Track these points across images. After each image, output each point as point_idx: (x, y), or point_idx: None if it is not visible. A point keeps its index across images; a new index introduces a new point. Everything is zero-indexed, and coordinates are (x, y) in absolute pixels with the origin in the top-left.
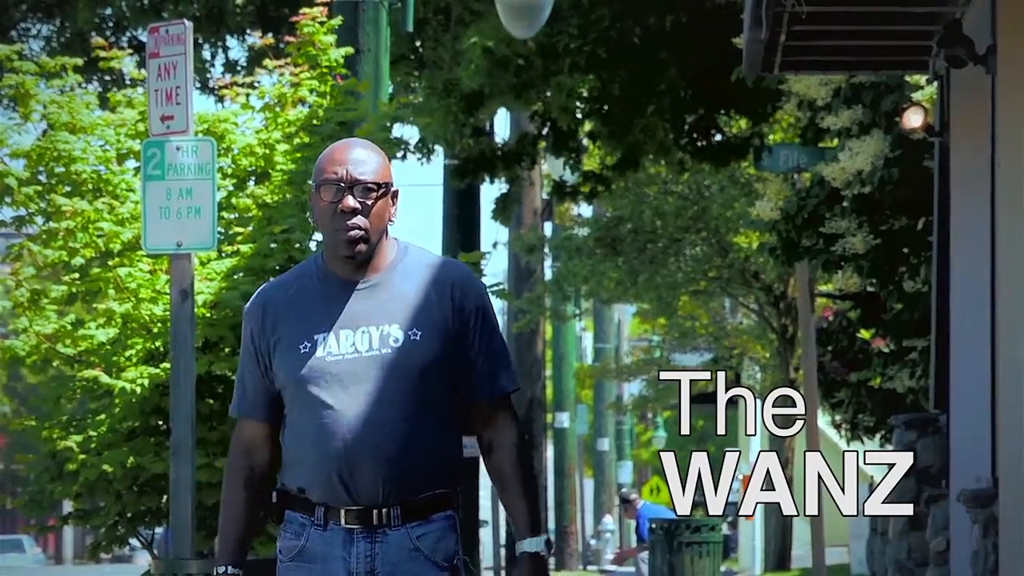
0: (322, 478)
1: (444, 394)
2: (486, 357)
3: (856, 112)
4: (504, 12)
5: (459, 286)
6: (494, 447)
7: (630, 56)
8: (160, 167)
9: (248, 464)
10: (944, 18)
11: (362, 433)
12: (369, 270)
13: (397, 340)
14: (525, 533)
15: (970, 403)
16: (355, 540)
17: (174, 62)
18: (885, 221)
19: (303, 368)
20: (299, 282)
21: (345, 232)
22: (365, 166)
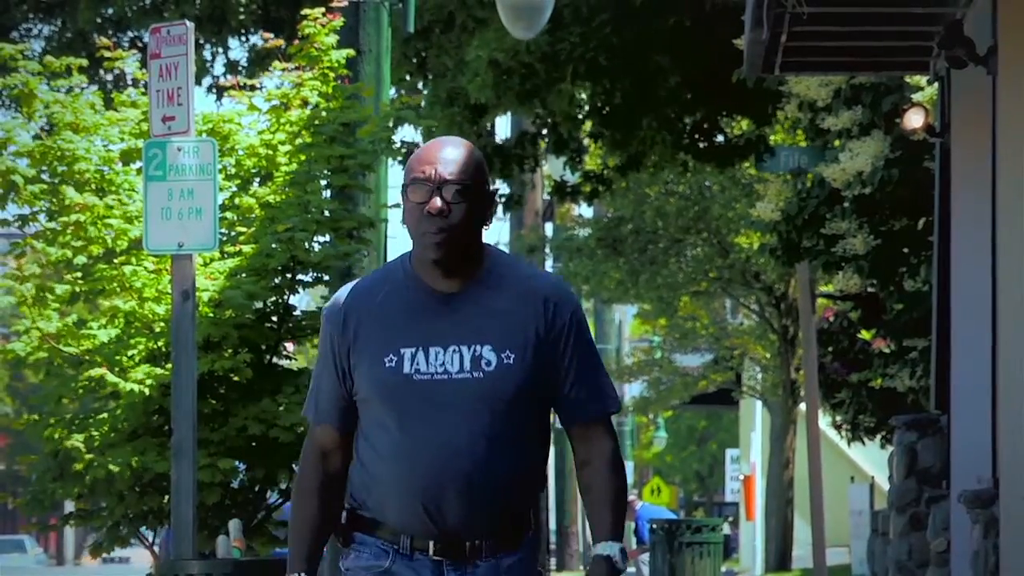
0: (406, 507)
1: (536, 417)
2: (581, 377)
3: (856, 113)
4: (504, 13)
5: (552, 301)
6: (587, 463)
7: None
8: (162, 168)
9: (322, 470)
10: (945, 19)
11: (451, 463)
12: (459, 279)
13: (490, 363)
14: (603, 538)
15: (971, 404)
16: (445, 572)
17: (175, 63)
18: (885, 222)
19: (388, 384)
20: (385, 287)
21: (433, 235)
22: (457, 165)
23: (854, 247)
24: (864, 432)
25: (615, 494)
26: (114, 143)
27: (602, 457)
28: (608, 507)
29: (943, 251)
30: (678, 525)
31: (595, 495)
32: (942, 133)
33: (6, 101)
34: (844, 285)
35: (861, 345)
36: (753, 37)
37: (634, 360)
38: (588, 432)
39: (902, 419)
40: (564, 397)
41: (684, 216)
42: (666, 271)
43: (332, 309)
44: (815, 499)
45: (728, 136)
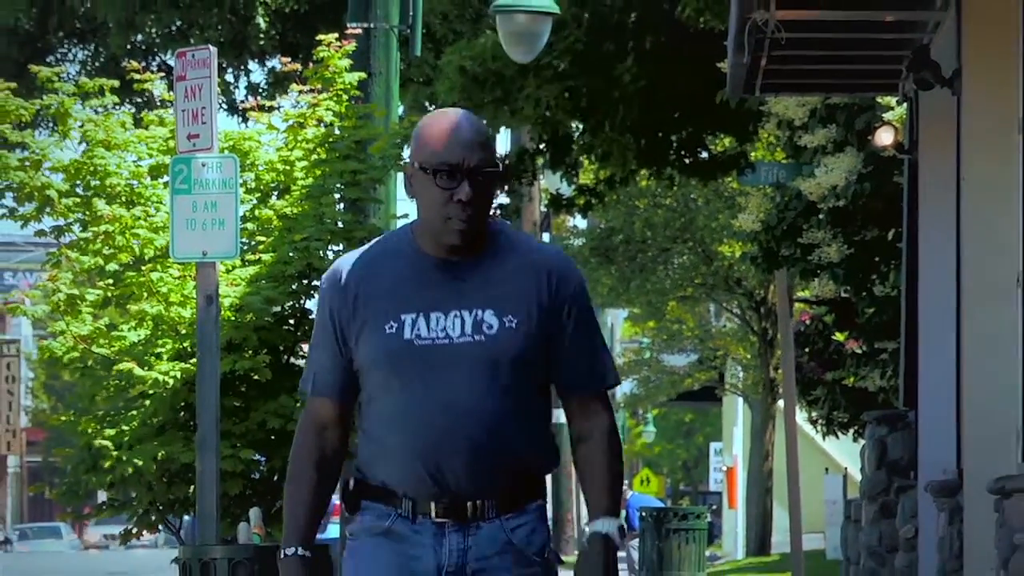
0: (409, 471)
1: (538, 383)
2: (582, 350)
3: (831, 131)
4: (505, 39)
5: (556, 273)
6: (584, 438)
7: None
8: (187, 182)
9: (319, 444)
10: (913, 44)
11: (454, 424)
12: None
13: (491, 327)
14: (600, 514)
15: (937, 401)
16: (446, 533)
17: (199, 84)
18: (858, 232)
19: (389, 351)
20: (385, 257)
21: (459, 222)
22: (483, 151)
23: (829, 255)
24: (838, 427)
25: (613, 470)
26: (143, 159)
27: (601, 431)
28: (606, 484)
29: (911, 259)
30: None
31: (593, 470)
32: (910, 150)
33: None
34: (819, 291)
35: (835, 346)
36: (735, 61)
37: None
38: (586, 405)
39: (873, 415)
40: (564, 369)
41: (671, 227)
42: (654, 278)
43: (331, 279)
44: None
45: (712, 152)
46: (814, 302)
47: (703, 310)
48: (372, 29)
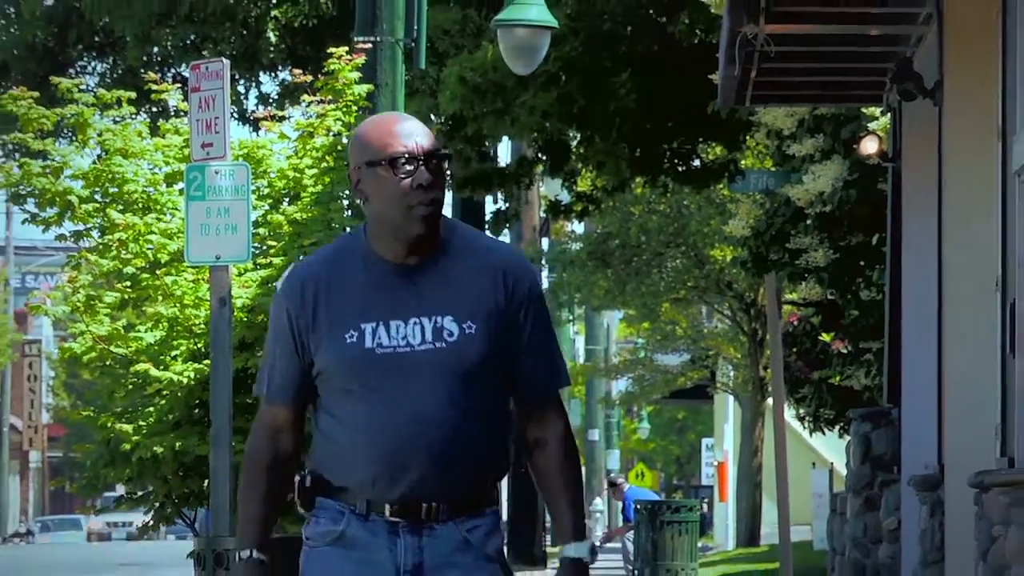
0: (367, 475)
1: (497, 388)
2: (538, 351)
3: (818, 140)
4: (506, 52)
5: (512, 274)
6: (540, 444)
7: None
8: (201, 188)
9: (272, 448)
10: (896, 56)
11: (415, 431)
12: (420, 252)
13: (452, 334)
14: (569, 538)
15: (919, 399)
16: (400, 533)
17: (213, 95)
18: (844, 237)
19: (350, 360)
20: (342, 264)
21: (422, 207)
22: (429, 137)
23: (816, 260)
24: (824, 423)
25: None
26: (159, 166)
27: (557, 438)
28: (569, 503)
29: (895, 264)
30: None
31: (555, 486)
32: (894, 158)
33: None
34: (807, 293)
35: (822, 347)
36: (726, 73)
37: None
38: (540, 409)
39: (858, 412)
40: (520, 371)
41: (665, 232)
42: (649, 281)
43: (289, 287)
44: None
45: (704, 160)
46: (802, 304)
47: (695, 312)
48: (378, 43)
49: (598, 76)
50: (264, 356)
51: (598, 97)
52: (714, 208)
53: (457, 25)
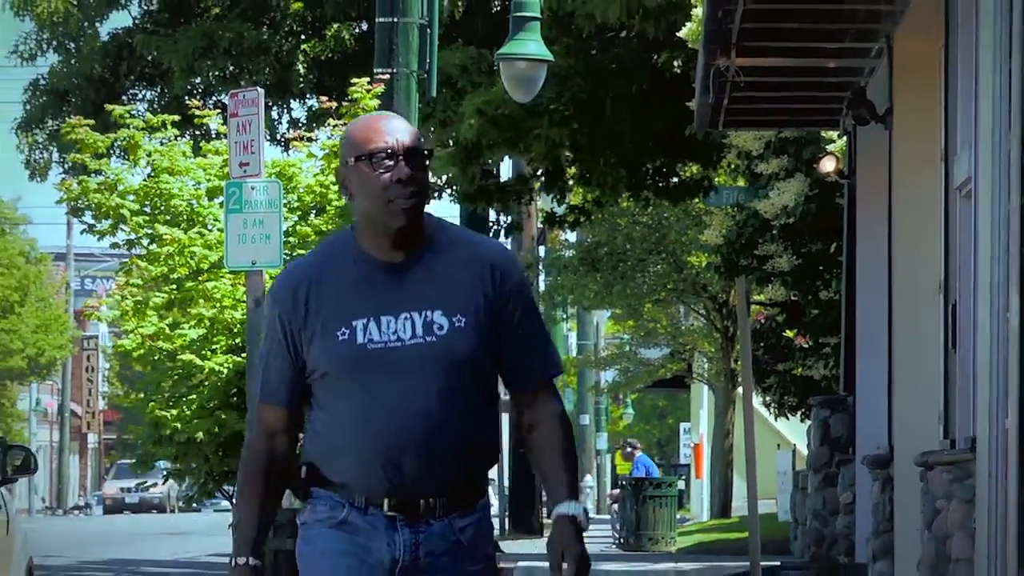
0: (364, 469)
1: (487, 379)
2: (528, 342)
3: (783, 160)
4: (508, 81)
5: (499, 268)
6: (538, 425)
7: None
8: (239, 203)
9: (269, 450)
10: (852, 86)
11: (408, 425)
12: (407, 248)
13: (442, 328)
14: (563, 498)
15: (871, 388)
16: (398, 527)
17: (249, 120)
18: (805, 245)
19: (342, 356)
20: (331, 263)
21: (404, 200)
22: (412, 135)
23: (780, 265)
24: (788, 409)
25: (568, 455)
26: (201, 183)
27: (552, 418)
28: (564, 468)
29: (850, 268)
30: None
31: (550, 456)
32: (849, 176)
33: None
34: (773, 295)
35: (786, 342)
36: (702, 100)
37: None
38: (536, 395)
39: (817, 399)
40: (512, 361)
41: (647, 240)
42: (633, 284)
43: (281, 288)
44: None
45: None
46: (768, 304)
47: (674, 311)
48: (395, 74)
49: (599, 110)
50: (260, 360)
51: (600, 128)
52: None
53: (472, 61)
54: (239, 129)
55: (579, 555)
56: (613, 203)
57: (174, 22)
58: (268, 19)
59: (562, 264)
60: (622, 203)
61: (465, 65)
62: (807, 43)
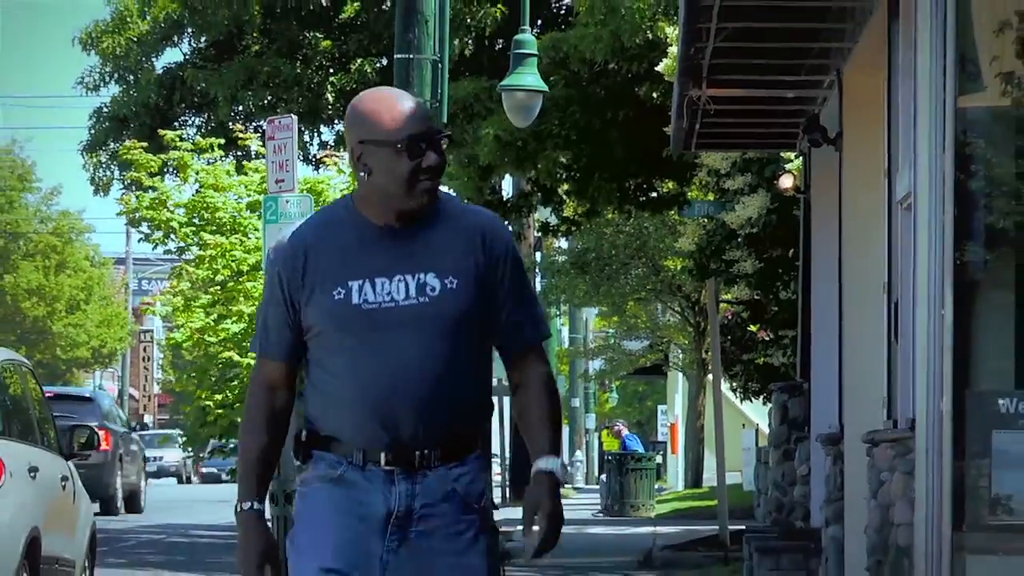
0: (360, 425)
1: (478, 340)
2: (517, 305)
3: (747, 177)
4: (509, 108)
5: (490, 234)
6: (524, 386)
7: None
8: (275, 215)
9: (269, 403)
10: (807, 113)
11: (402, 382)
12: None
13: (434, 289)
14: (543, 453)
15: (824, 374)
16: (396, 480)
17: (284, 143)
18: (766, 251)
19: (337, 316)
20: (330, 227)
21: (427, 182)
22: (433, 120)
23: (745, 268)
24: (752, 393)
25: (552, 414)
26: (242, 197)
27: (539, 379)
28: (547, 426)
29: (805, 271)
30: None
31: (534, 414)
32: (805, 191)
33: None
34: (738, 294)
35: (750, 335)
36: (677, 126)
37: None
38: (524, 357)
39: (777, 385)
40: (502, 324)
41: (629, 247)
42: (617, 285)
43: (281, 250)
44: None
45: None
46: (734, 302)
47: (653, 308)
48: None
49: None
50: (258, 316)
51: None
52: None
53: (484, 91)
54: (276, 151)
55: (551, 511)
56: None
57: (220, 58)
58: (301, 56)
59: (556, 268)
60: (608, 215)
61: (477, 93)
62: (768, 76)
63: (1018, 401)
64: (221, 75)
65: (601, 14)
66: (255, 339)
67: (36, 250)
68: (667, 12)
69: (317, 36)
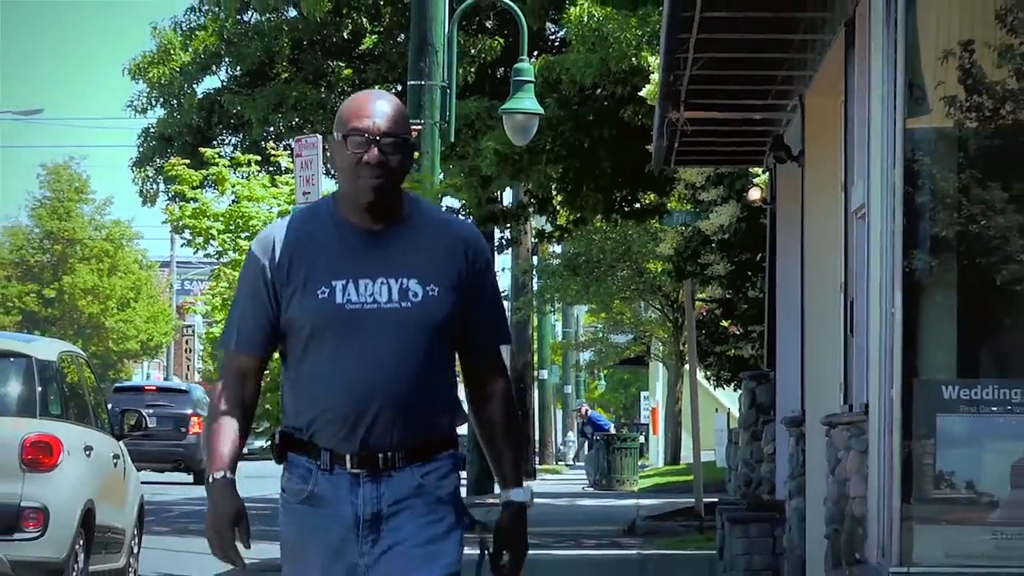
0: (335, 424)
1: (450, 346)
2: (489, 316)
3: (720, 190)
4: (509, 129)
5: (472, 245)
6: (486, 399)
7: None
8: None
9: (240, 391)
10: (773, 133)
11: (378, 382)
12: (384, 220)
13: (416, 295)
14: (512, 483)
15: (788, 365)
16: (361, 483)
17: (311, 159)
18: (737, 255)
19: (320, 314)
20: (313, 226)
21: (369, 179)
22: (391, 120)
23: (718, 271)
24: (724, 381)
25: (515, 440)
26: (274, 207)
27: (501, 394)
28: (512, 453)
29: (771, 273)
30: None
31: (500, 439)
32: (771, 202)
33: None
34: (712, 293)
35: (722, 329)
36: (658, 144)
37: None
38: (488, 368)
39: (747, 374)
40: (471, 333)
41: (616, 252)
42: (605, 285)
43: (264, 245)
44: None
45: (642, 203)
46: (708, 301)
47: (637, 306)
48: (423, 124)
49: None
50: (233, 309)
51: (583, 163)
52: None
53: (485, 110)
54: (303, 166)
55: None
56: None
57: (253, 85)
58: (325, 82)
59: (550, 270)
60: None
61: (479, 112)
62: (739, 100)
63: (959, 388)
64: (254, 100)
65: (591, 42)
66: (225, 334)
67: (91, 254)
68: (650, 42)
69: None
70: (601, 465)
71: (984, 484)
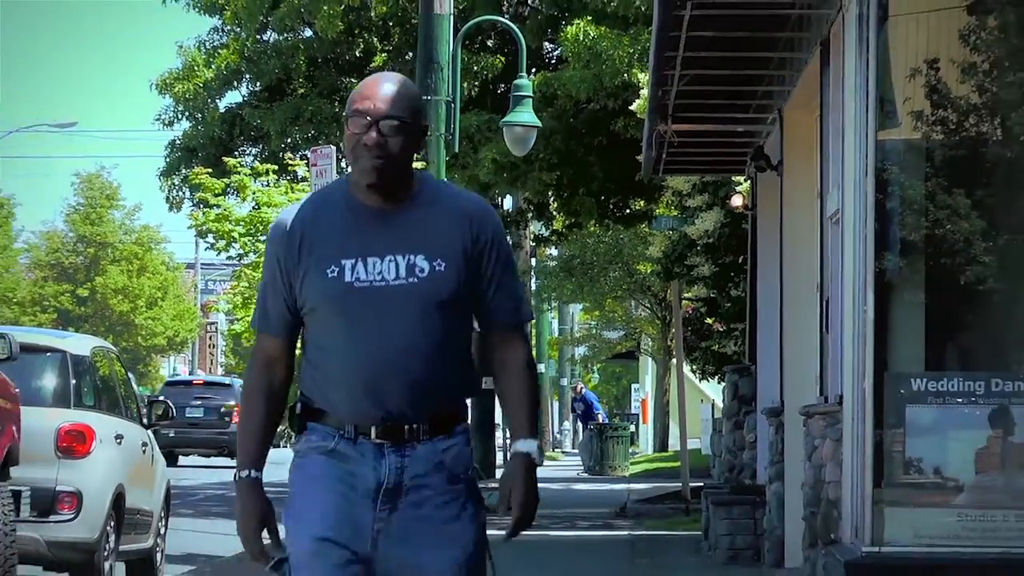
0: (351, 400)
1: (463, 320)
2: (501, 288)
3: (705, 197)
4: (509, 140)
5: (478, 218)
6: (505, 365)
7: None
8: None
9: (268, 377)
10: (754, 144)
11: (392, 358)
12: (393, 199)
13: (423, 270)
14: (521, 434)
15: (768, 359)
16: (386, 453)
17: (325, 168)
18: (721, 258)
19: (331, 293)
20: (326, 207)
21: (369, 161)
22: (393, 102)
23: (703, 272)
24: (709, 374)
25: (532, 398)
26: None
27: (520, 360)
28: (526, 408)
29: (753, 274)
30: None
31: (514, 396)
32: (753, 208)
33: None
34: (697, 293)
35: (707, 326)
36: (647, 154)
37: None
38: (507, 337)
39: (730, 367)
40: (487, 305)
41: (608, 254)
42: (598, 285)
43: (278, 230)
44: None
45: (633, 209)
46: (694, 300)
47: (628, 305)
48: (428, 136)
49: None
50: (259, 294)
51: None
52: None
53: (485, 123)
54: (318, 175)
55: (525, 492)
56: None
57: (272, 99)
58: (338, 97)
59: (547, 271)
60: (590, 228)
61: (479, 125)
62: (722, 114)
63: (927, 381)
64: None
65: (586, 59)
66: (255, 315)
67: (121, 257)
68: (640, 60)
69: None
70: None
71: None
